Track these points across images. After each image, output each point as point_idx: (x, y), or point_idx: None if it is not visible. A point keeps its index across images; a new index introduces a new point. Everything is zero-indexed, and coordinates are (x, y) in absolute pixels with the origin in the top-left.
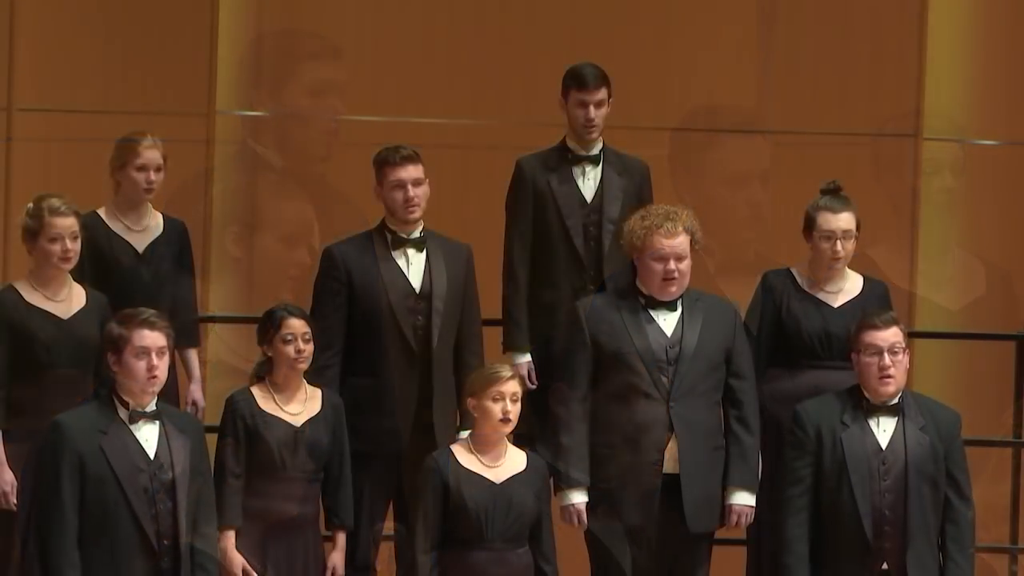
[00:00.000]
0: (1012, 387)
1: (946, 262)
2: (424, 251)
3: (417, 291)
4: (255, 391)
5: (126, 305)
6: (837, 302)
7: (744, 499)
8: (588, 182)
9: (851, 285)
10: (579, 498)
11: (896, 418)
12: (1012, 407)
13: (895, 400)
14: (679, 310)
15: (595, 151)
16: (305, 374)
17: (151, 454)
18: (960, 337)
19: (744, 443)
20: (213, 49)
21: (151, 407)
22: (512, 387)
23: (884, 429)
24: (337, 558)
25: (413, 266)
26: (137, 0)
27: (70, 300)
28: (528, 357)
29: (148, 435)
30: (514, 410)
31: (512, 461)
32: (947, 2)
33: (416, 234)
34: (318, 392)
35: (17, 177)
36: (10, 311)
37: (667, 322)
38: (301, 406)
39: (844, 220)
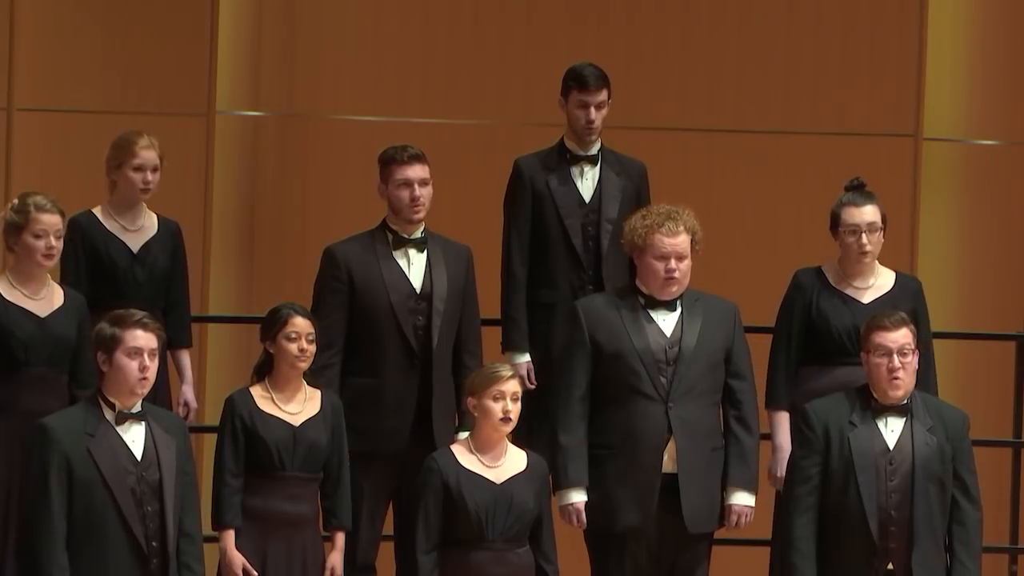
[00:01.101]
0: (1012, 387)
1: (946, 262)
2: (425, 251)
3: (418, 291)
4: (254, 391)
5: (120, 305)
6: (867, 298)
7: (743, 499)
8: (586, 182)
9: (882, 281)
10: (578, 497)
11: (904, 418)
12: (1012, 407)
13: (903, 400)
14: (678, 310)
15: (593, 151)
16: (305, 374)
17: (138, 455)
18: (960, 337)
19: (744, 443)
20: (213, 49)
21: (137, 408)
22: (512, 386)
23: (892, 429)
24: (336, 558)
25: (414, 267)
26: (137, 0)
27: (49, 299)
28: (527, 357)
29: (135, 436)
30: (515, 409)
31: (512, 461)
32: (947, 2)
33: (417, 234)
34: (317, 392)
35: (17, 177)
36: None
37: (666, 322)
38: (300, 406)
39: (868, 213)
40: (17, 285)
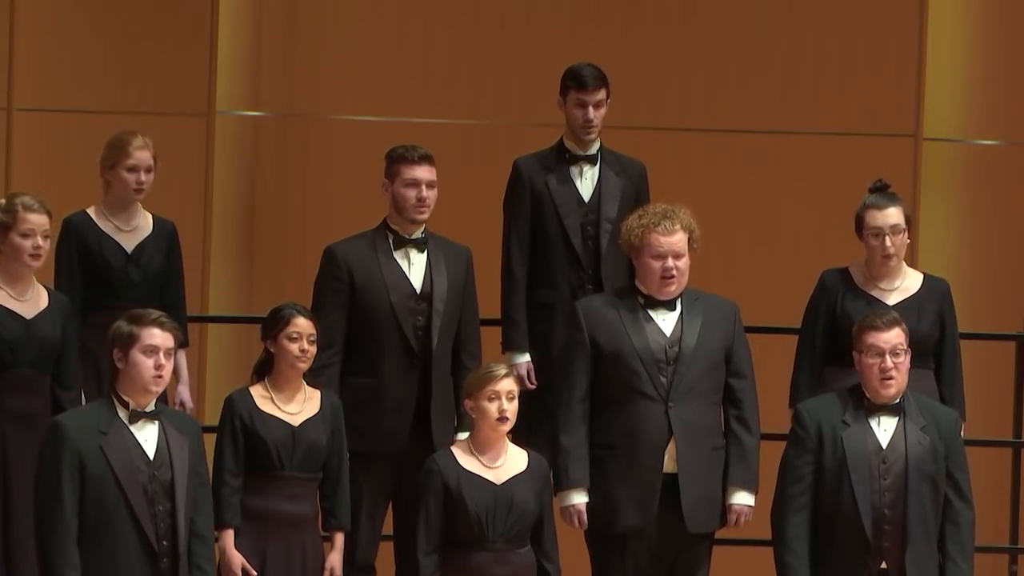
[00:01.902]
0: (1012, 387)
1: (946, 262)
2: (425, 252)
3: (418, 292)
4: (253, 391)
5: (114, 305)
6: (892, 300)
7: (744, 499)
8: (585, 182)
9: (909, 283)
10: (579, 498)
11: (897, 418)
12: (1012, 407)
13: (896, 400)
14: (678, 309)
15: (592, 151)
16: (304, 374)
17: (151, 454)
18: (960, 337)
19: (744, 443)
20: (213, 49)
21: (150, 407)
22: (508, 385)
23: (885, 429)
24: (335, 559)
25: (414, 267)
26: (137, 1)
27: (35, 300)
28: (527, 357)
29: (148, 435)
30: (511, 408)
31: (513, 461)
32: (947, 2)
33: (418, 235)
34: (317, 392)
35: (17, 177)
36: None
37: (666, 322)
38: (299, 406)
39: (892, 215)
40: (3, 286)
